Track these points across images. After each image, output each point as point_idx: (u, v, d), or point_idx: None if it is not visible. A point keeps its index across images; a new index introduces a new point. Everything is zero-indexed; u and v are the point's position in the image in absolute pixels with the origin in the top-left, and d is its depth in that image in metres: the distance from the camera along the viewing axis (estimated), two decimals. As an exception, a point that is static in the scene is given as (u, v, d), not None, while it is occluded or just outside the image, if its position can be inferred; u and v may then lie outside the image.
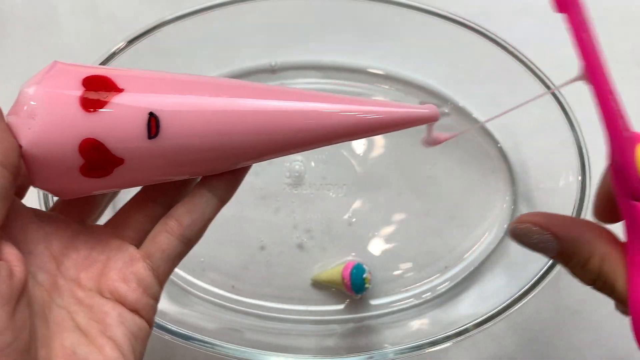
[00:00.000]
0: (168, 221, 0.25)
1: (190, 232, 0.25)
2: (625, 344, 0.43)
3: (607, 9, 0.49)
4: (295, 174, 0.45)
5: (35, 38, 0.49)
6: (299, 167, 0.45)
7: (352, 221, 0.44)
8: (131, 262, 0.24)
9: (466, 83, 0.45)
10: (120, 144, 0.22)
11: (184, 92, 0.23)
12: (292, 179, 0.45)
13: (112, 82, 0.22)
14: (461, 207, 0.44)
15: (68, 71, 0.23)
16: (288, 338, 0.41)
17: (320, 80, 0.48)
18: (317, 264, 0.43)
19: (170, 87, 0.23)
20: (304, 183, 0.45)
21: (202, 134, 0.23)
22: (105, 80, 0.22)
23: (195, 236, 0.25)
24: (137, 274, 0.24)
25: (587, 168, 0.38)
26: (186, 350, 0.37)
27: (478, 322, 0.36)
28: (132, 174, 0.23)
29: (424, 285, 0.43)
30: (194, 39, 0.44)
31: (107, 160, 0.22)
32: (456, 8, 0.42)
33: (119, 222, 0.26)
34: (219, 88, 0.24)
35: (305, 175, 0.45)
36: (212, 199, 0.25)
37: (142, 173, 0.24)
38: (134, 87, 0.22)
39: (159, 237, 0.24)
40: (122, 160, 0.22)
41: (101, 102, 0.22)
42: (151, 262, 0.24)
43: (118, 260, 0.24)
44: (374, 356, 0.35)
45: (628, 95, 0.47)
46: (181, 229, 0.24)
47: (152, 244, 0.25)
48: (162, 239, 0.24)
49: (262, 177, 0.45)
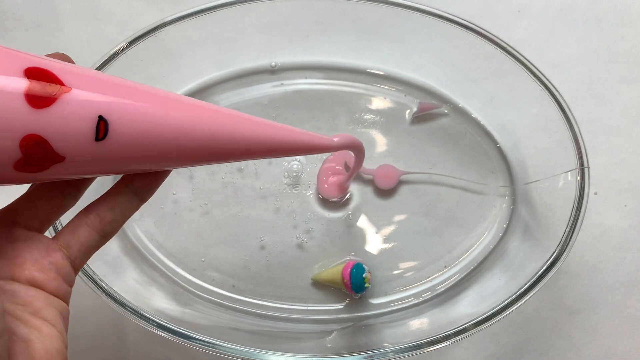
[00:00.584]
0: (89, 215, 0.25)
1: (110, 227, 0.26)
2: (623, 344, 0.43)
3: (606, 9, 0.50)
4: (294, 174, 0.45)
5: (36, 38, 0.49)
6: (297, 167, 0.45)
7: (351, 221, 0.44)
8: (47, 253, 0.24)
9: (465, 83, 0.45)
10: (65, 143, 0.22)
11: (133, 99, 0.23)
12: (290, 178, 0.45)
13: (58, 79, 0.22)
14: (460, 207, 0.45)
15: (8, 55, 0.22)
16: (288, 337, 0.41)
17: (320, 81, 0.48)
18: (317, 263, 0.43)
19: (120, 92, 0.23)
20: (303, 183, 0.45)
21: (148, 141, 0.23)
22: (50, 76, 0.21)
23: (114, 231, 0.26)
24: (55, 264, 0.24)
25: (586, 167, 0.38)
26: (187, 349, 0.37)
27: (477, 322, 0.36)
28: (68, 170, 0.23)
29: (424, 285, 0.43)
30: (194, 39, 0.44)
31: (48, 157, 0.22)
32: (455, 9, 0.43)
33: (22, 211, 0.25)
34: (168, 101, 0.24)
35: (303, 175, 0.45)
36: (134, 198, 0.26)
37: (78, 170, 0.23)
38: (84, 87, 0.22)
39: (80, 230, 0.25)
40: (62, 158, 0.22)
41: (50, 99, 0.21)
42: (69, 252, 0.25)
43: (32, 250, 0.24)
44: (373, 355, 0.35)
45: (628, 95, 0.48)
46: (102, 225, 0.25)
47: (71, 236, 0.25)
48: (83, 232, 0.25)
49: (262, 177, 0.45)
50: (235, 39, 0.45)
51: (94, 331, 0.43)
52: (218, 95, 0.47)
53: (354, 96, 0.47)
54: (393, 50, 0.46)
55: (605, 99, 0.48)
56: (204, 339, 0.35)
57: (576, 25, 0.49)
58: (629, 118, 0.47)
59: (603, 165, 0.46)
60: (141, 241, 0.44)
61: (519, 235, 0.42)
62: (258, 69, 0.48)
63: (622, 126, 0.47)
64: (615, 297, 0.43)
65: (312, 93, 0.47)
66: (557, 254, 0.37)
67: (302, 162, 0.46)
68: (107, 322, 0.43)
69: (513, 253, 0.42)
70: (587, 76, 0.48)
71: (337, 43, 0.47)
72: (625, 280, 0.44)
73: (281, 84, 0.47)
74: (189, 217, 0.45)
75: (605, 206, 0.45)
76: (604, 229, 0.45)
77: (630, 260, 0.44)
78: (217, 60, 0.47)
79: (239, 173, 0.45)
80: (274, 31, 0.46)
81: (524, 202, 0.44)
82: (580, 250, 0.44)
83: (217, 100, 0.47)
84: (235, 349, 0.35)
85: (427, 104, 0.46)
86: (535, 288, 0.36)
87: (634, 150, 0.46)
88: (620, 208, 0.45)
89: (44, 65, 0.22)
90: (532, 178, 0.43)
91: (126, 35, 0.41)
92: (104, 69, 0.40)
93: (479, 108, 0.46)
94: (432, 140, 0.46)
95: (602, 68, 0.48)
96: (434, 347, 0.35)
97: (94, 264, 0.37)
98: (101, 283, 0.36)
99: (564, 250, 0.37)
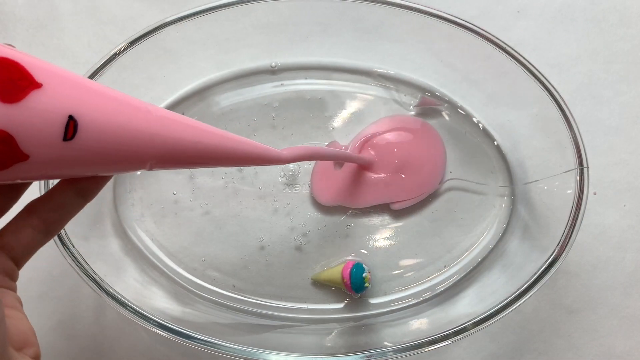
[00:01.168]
0: (33, 217, 0.25)
1: (54, 227, 0.26)
2: (622, 343, 0.43)
3: (605, 10, 0.50)
4: (290, 173, 0.45)
5: (37, 39, 0.49)
6: (293, 166, 0.45)
7: (351, 221, 0.44)
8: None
9: (465, 83, 0.46)
10: (31, 141, 0.21)
11: (104, 101, 0.23)
12: (286, 178, 0.45)
13: (28, 73, 0.21)
14: (460, 207, 0.45)
15: None
16: (288, 337, 0.41)
17: (320, 81, 0.48)
18: (317, 263, 0.43)
19: (91, 93, 0.23)
20: (299, 182, 0.45)
21: (114, 145, 0.23)
22: (21, 70, 0.20)
23: (58, 230, 0.26)
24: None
25: (585, 167, 0.38)
26: (187, 348, 0.37)
27: (476, 321, 0.36)
28: (30, 170, 0.22)
29: (423, 285, 0.43)
30: (194, 39, 0.44)
31: (12, 155, 0.21)
32: (455, 9, 0.43)
33: None
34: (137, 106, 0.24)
35: (299, 174, 0.45)
36: (78, 198, 0.26)
37: (42, 171, 0.23)
38: (55, 84, 0.21)
39: (23, 232, 0.25)
40: (27, 157, 0.21)
41: (20, 95, 0.20)
42: (12, 253, 0.25)
43: None
44: (373, 355, 0.36)
45: (627, 95, 0.48)
46: (46, 226, 0.25)
47: (14, 238, 0.25)
48: (27, 234, 0.25)
49: (261, 177, 0.45)
50: (235, 39, 0.45)
51: (94, 331, 0.43)
52: (218, 95, 0.47)
53: (354, 96, 0.47)
54: (393, 50, 0.46)
55: (605, 99, 0.48)
56: (204, 339, 0.35)
57: (575, 25, 0.49)
58: (628, 118, 0.47)
59: (602, 165, 0.46)
60: (142, 241, 0.44)
61: (519, 235, 0.43)
62: (258, 69, 0.48)
63: (622, 126, 0.47)
64: (614, 296, 0.44)
65: (312, 93, 0.47)
66: (557, 254, 0.37)
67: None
68: (108, 321, 0.43)
69: (512, 253, 0.42)
70: (587, 76, 0.48)
71: (337, 43, 0.47)
72: (625, 280, 0.44)
73: (281, 84, 0.48)
74: (189, 217, 0.45)
75: (604, 206, 0.45)
76: (603, 229, 0.45)
77: (630, 260, 0.44)
78: (217, 61, 0.47)
79: (238, 173, 0.45)
80: (274, 31, 0.46)
81: (523, 202, 0.44)
82: (580, 250, 0.44)
83: (217, 101, 0.47)
84: (235, 348, 0.35)
85: (429, 99, 0.46)
86: (535, 288, 0.36)
87: (633, 150, 0.46)
88: (620, 208, 0.45)
89: (16, 58, 0.21)
90: (531, 178, 0.43)
91: (127, 35, 0.41)
92: (104, 69, 0.40)
93: (478, 108, 0.46)
94: (431, 141, 0.46)
95: (602, 68, 0.48)
96: (433, 347, 0.35)
97: (95, 264, 0.37)
98: (102, 283, 0.37)
99: (563, 250, 0.37)
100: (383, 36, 0.45)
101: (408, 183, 0.44)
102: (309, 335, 0.41)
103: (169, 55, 0.44)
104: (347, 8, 0.44)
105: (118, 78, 0.41)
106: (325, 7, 0.44)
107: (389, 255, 0.44)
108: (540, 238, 0.40)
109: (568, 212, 0.38)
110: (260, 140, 0.31)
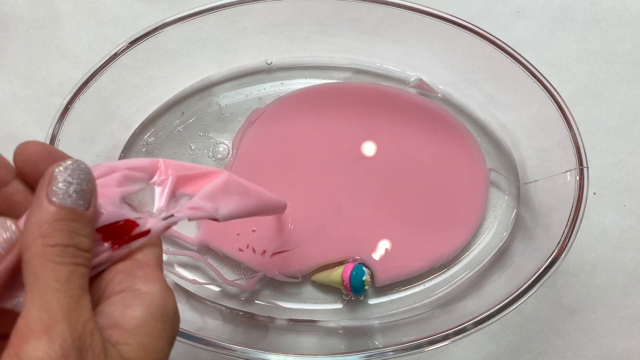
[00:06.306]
0: None
1: None
2: (622, 343, 0.43)
3: (605, 10, 0.50)
4: (218, 156, 0.45)
5: (37, 39, 0.49)
6: (223, 148, 0.45)
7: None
8: None
9: (465, 84, 0.46)
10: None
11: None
12: (215, 160, 0.45)
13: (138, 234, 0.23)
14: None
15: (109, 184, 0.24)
16: (288, 337, 0.41)
17: (320, 81, 0.48)
18: (317, 264, 0.43)
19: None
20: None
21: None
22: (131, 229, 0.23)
23: None
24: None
25: (585, 167, 0.38)
26: (187, 349, 0.37)
27: (476, 321, 0.36)
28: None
29: (423, 285, 0.43)
30: (194, 40, 0.44)
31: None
32: (455, 10, 0.43)
33: None
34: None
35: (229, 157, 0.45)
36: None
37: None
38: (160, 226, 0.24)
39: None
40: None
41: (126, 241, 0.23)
42: None
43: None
44: (373, 355, 0.35)
45: (626, 95, 0.48)
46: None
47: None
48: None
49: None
50: (235, 39, 0.45)
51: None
52: (218, 95, 0.47)
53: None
54: (393, 50, 0.46)
55: (604, 99, 0.48)
56: (204, 339, 0.35)
57: (575, 25, 0.49)
58: (627, 118, 0.47)
59: (602, 165, 0.46)
60: (141, 241, 0.44)
61: (518, 235, 0.43)
62: (258, 69, 0.48)
63: (621, 126, 0.47)
64: (614, 296, 0.44)
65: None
66: (556, 254, 0.37)
67: (228, 146, 0.46)
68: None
69: (512, 253, 0.42)
70: (586, 76, 0.48)
71: (337, 43, 0.47)
72: (624, 279, 0.44)
73: (281, 84, 0.48)
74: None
75: (604, 206, 0.45)
76: (603, 229, 0.45)
77: (629, 260, 0.44)
78: (217, 61, 0.47)
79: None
80: (274, 31, 0.46)
81: (523, 202, 0.44)
82: (579, 250, 0.44)
83: (216, 101, 0.47)
84: (235, 348, 0.35)
85: (426, 84, 0.46)
86: (535, 288, 0.36)
87: (633, 150, 0.47)
88: (619, 208, 0.45)
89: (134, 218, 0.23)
90: (531, 178, 0.43)
91: (127, 35, 0.41)
92: (104, 69, 0.40)
93: (478, 108, 0.46)
94: (431, 141, 0.46)
95: (601, 68, 0.48)
96: (433, 347, 0.35)
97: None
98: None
99: (563, 250, 0.37)
100: (383, 36, 0.45)
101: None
102: (309, 335, 0.41)
103: (169, 55, 0.44)
104: (347, 8, 0.44)
105: (118, 78, 0.41)
106: (325, 7, 0.44)
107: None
108: (540, 238, 0.40)
109: (568, 212, 0.38)
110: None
